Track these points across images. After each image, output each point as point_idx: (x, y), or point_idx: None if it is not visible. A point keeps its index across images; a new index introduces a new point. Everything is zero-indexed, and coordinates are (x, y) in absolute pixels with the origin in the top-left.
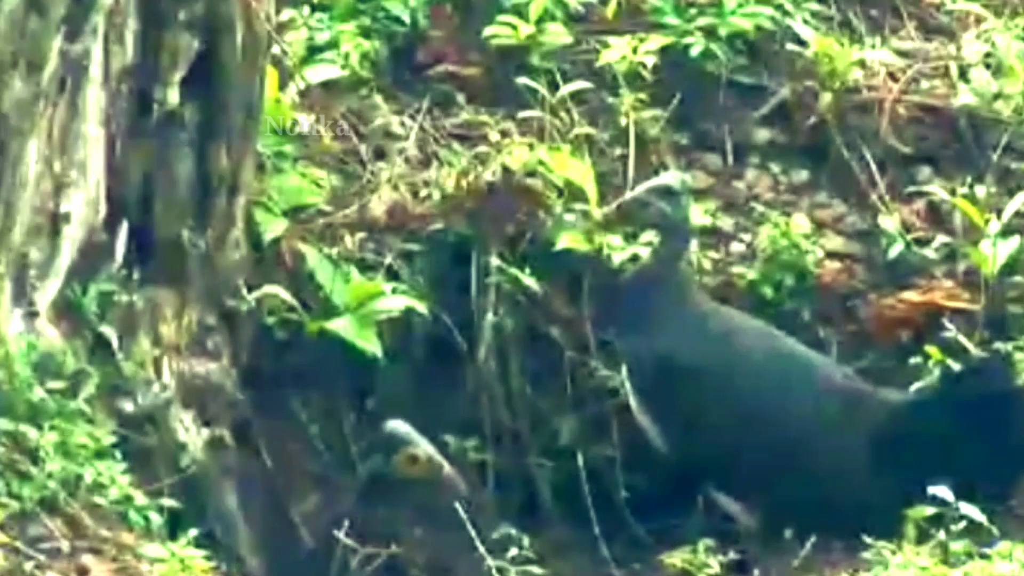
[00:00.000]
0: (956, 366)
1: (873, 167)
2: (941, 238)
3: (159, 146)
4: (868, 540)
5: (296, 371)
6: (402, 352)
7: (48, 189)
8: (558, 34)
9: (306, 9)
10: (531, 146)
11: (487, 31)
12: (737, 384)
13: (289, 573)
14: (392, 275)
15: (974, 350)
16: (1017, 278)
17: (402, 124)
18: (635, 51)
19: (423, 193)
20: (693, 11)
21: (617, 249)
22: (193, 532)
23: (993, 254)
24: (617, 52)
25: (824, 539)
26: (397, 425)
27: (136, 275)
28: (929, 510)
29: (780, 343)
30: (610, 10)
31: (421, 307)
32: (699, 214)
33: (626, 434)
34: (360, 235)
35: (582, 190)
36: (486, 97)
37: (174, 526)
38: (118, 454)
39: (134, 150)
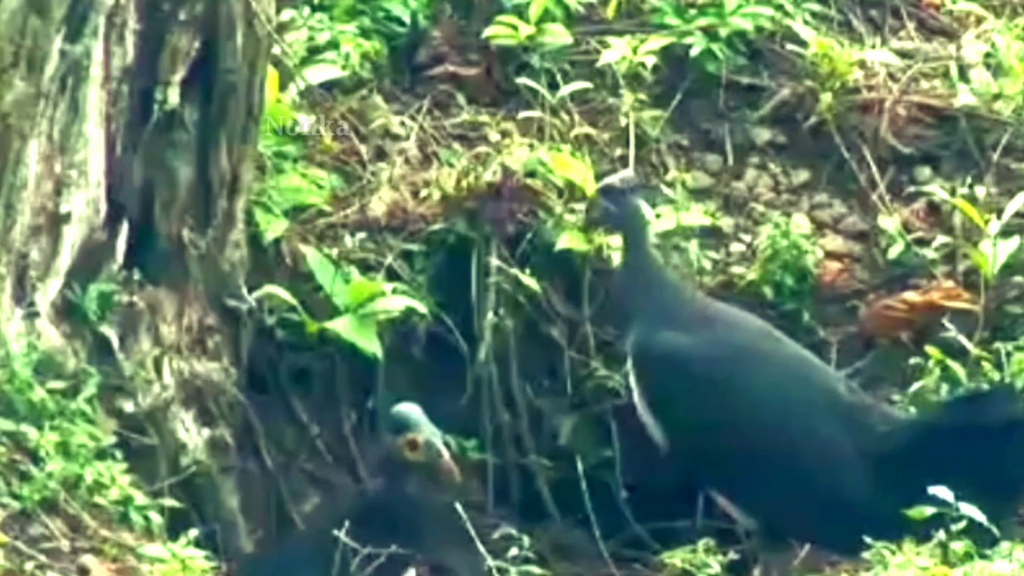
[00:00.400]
0: (963, 390)
1: (873, 167)
2: (941, 238)
3: (160, 146)
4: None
5: (296, 371)
6: (402, 352)
7: (49, 189)
8: (558, 34)
9: (306, 10)
10: (531, 146)
11: (487, 31)
12: (737, 385)
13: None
14: (392, 275)
15: (974, 350)
16: (1017, 278)
17: (402, 124)
18: (635, 51)
19: (423, 193)
20: (693, 11)
21: (617, 249)
22: (193, 532)
23: (993, 254)
24: (617, 52)
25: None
26: (404, 409)
27: (136, 275)
28: (929, 510)
29: (781, 345)
30: (610, 10)
31: (421, 307)
32: (699, 214)
33: (626, 434)
34: (360, 235)
35: (582, 190)
36: (486, 97)
37: (174, 526)
38: (118, 454)
39: (134, 150)
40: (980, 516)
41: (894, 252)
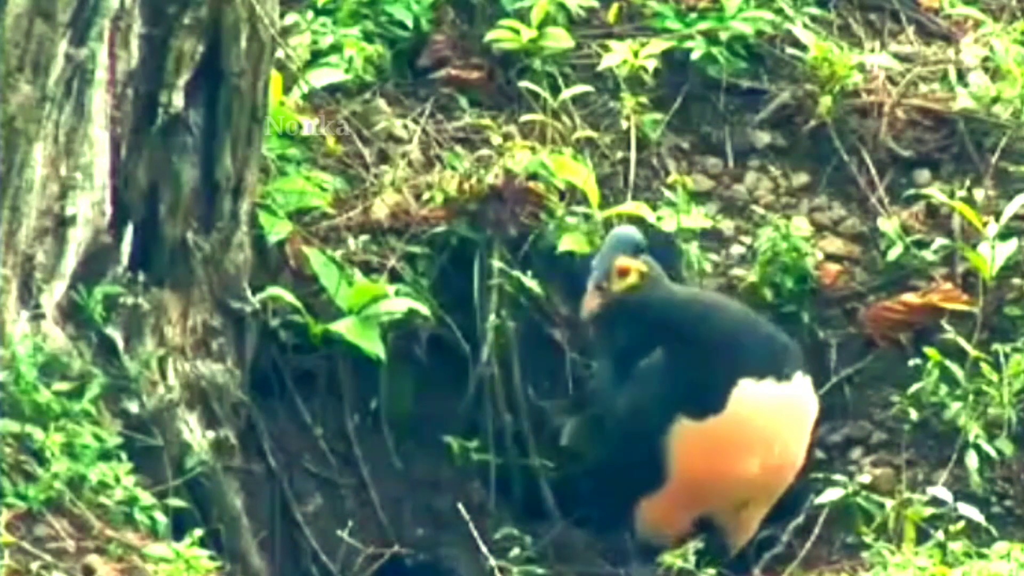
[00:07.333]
0: None
1: (872, 170)
2: (940, 241)
3: (164, 149)
4: (868, 540)
5: (300, 372)
6: (405, 354)
7: (54, 192)
8: (560, 38)
9: (310, 13)
10: (533, 149)
11: (489, 35)
12: None
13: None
14: (395, 277)
15: (972, 352)
16: (1015, 280)
17: (405, 127)
18: (636, 55)
19: (426, 196)
20: (694, 15)
21: None
22: (198, 532)
23: (991, 256)
24: (618, 56)
25: None
26: None
27: (141, 277)
28: (928, 510)
29: None
30: (611, 14)
31: (424, 309)
32: (699, 217)
33: None
34: (363, 237)
35: (584, 193)
36: (488, 101)
37: (179, 526)
38: (123, 455)
39: (139, 153)
40: (978, 516)
41: (893, 254)
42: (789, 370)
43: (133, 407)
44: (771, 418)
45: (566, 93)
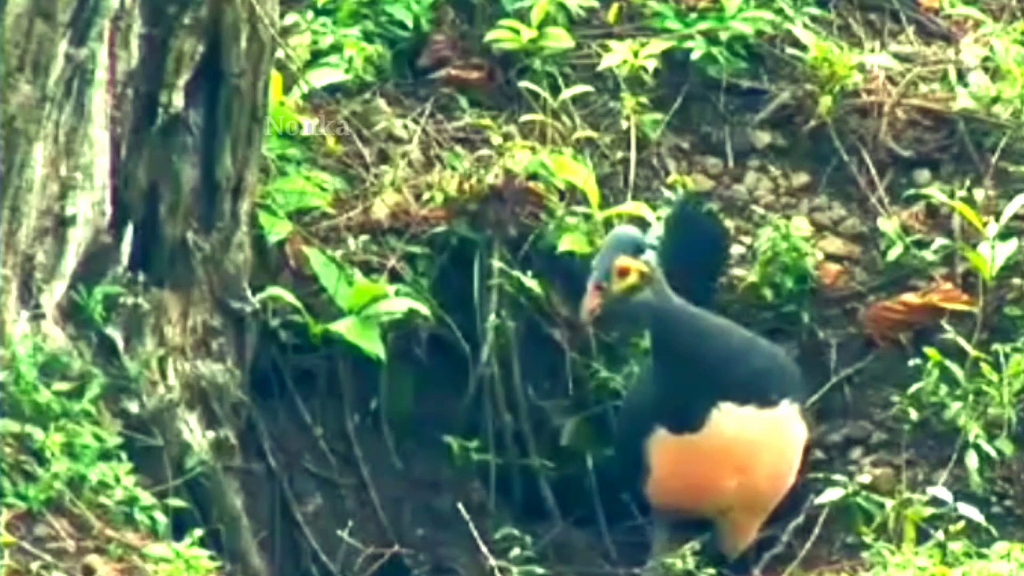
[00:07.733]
0: None
1: (872, 170)
2: (940, 241)
3: (164, 149)
4: (867, 540)
5: (300, 372)
6: (405, 354)
7: (54, 192)
8: (560, 38)
9: (310, 14)
10: (533, 149)
11: (489, 35)
12: None
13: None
14: (395, 277)
15: (972, 352)
16: (1015, 280)
17: (405, 127)
18: (636, 55)
19: (426, 196)
20: (694, 15)
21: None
22: (198, 532)
23: (991, 256)
24: (618, 56)
25: None
26: None
27: (141, 277)
28: (928, 510)
29: None
30: (611, 14)
31: (424, 309)
32: None
33: None
34: (363, 237)
35: (584, 193)
36: (488, 101)
37: (179, 526)
38: (123, 455)
39: (139, 153)
40: (978, 516)
41: (893, 254)
42: (777, 396)
43: (133, 407)
44: (750, 443)
45: (566, 93)
